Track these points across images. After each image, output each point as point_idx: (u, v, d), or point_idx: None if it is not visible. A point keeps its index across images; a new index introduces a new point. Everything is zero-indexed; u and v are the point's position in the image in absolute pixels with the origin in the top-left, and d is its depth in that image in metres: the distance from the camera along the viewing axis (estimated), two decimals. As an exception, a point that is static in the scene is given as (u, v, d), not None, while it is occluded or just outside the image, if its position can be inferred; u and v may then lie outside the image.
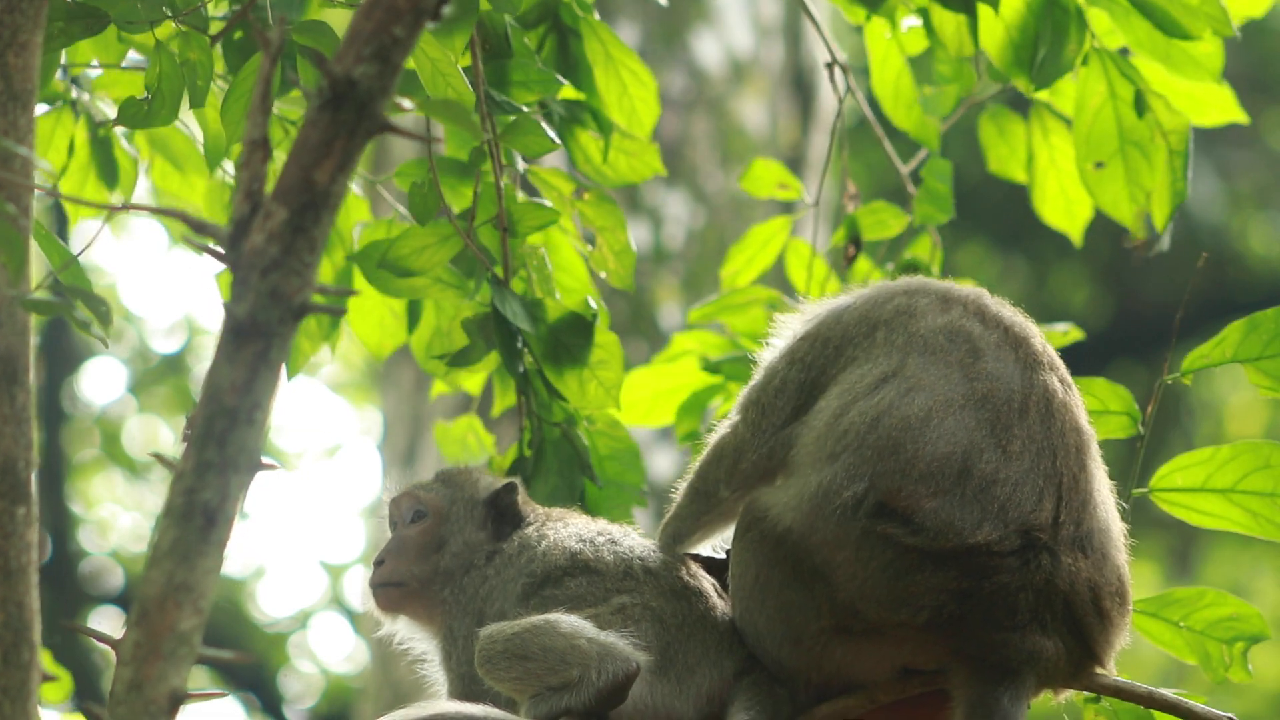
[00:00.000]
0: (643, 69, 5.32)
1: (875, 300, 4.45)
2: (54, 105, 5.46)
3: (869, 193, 6.05)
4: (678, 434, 5.92)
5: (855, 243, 5.89)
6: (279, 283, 3.42)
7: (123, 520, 18.27)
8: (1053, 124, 5.85)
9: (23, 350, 4.03)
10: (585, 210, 5.27)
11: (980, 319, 4.37)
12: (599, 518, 4.80)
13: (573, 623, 4.37)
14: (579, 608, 4.45)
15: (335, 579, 18.65)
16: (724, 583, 4.51)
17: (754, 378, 4.55)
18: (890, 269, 5.87)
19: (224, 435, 3.40)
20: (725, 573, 4.50)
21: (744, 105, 10.39)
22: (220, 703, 16.99)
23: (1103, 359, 14.87)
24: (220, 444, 3.40)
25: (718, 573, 4.58)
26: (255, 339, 3.41)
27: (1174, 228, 5.59)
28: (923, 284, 4.46)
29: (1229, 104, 5.70)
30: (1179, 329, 4.90)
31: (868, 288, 4.52)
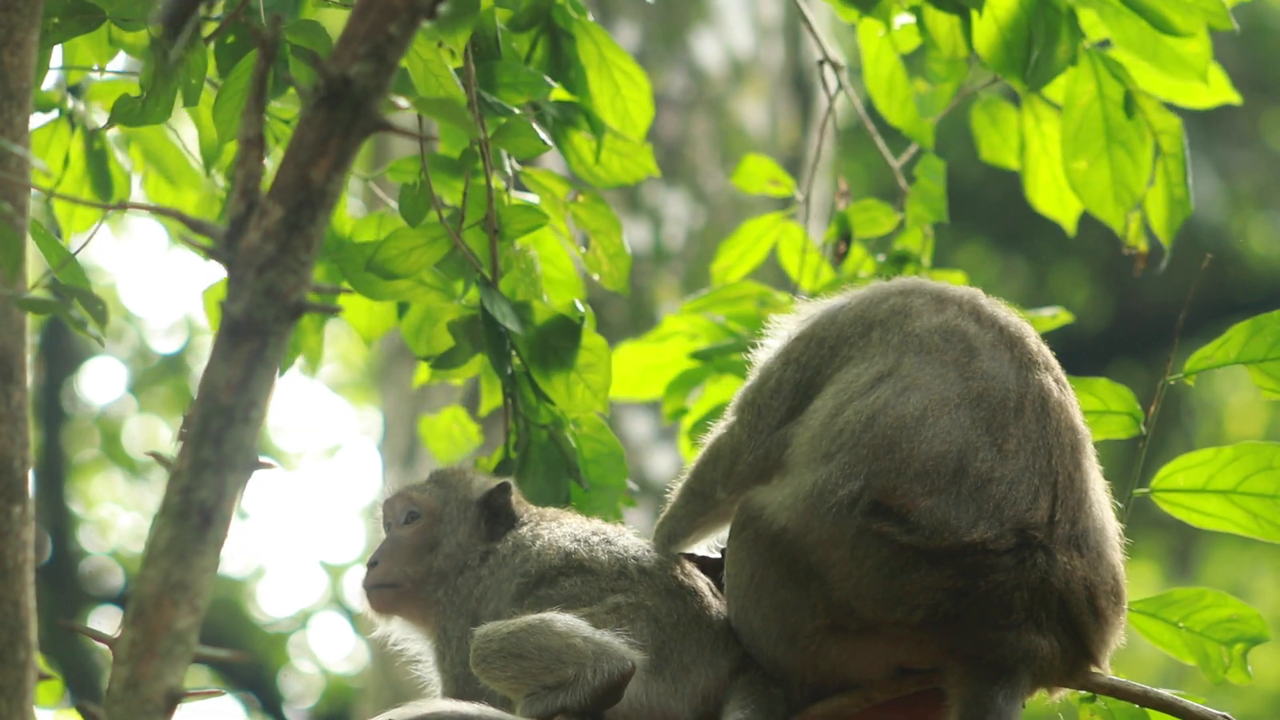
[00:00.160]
0: (636, 70, 5.32)
1: (870, 300, 4.45)
2: (49, 115, 5.45)
3: (867, 191, 6.06)
4: (665, 412, 5.92)
5: (846, 240, 5.89)
6: (275, 281, 3.42)
7: (123, 520, 18.29)
8: (1044, 112, 5.84)
9: (19, 349, 4.03)
10: (579, 212, 5.27)
11: (975, 318, 4.37)
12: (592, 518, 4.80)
13: (568, 621, 4.37)
14: (574, 607, 4.44)
15: (335, 579, 18.68)
16: (719, 582, 4.52)
17: (749, 378, 4.55)
18: (882, 260, 5.87)
19: (220, 434, 3.40)
20: (720, 572, 4.50)
21: (744, 105, 10.39)
22: (220, 702, 17.00)
23: (1103, 359, 14.87)
24: (216, 443, 3.40)
25: (712, 572, 4.58)
26: (251, 337, 3.41)
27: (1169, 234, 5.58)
28: (918, 284, 4.47)
29: (1220, 86, 5.69)
30: (1179, 329, 4.90)
31: (862, 288, 4.52)
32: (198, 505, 3.37)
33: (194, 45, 4.84)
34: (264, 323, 3.41)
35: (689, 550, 4.64)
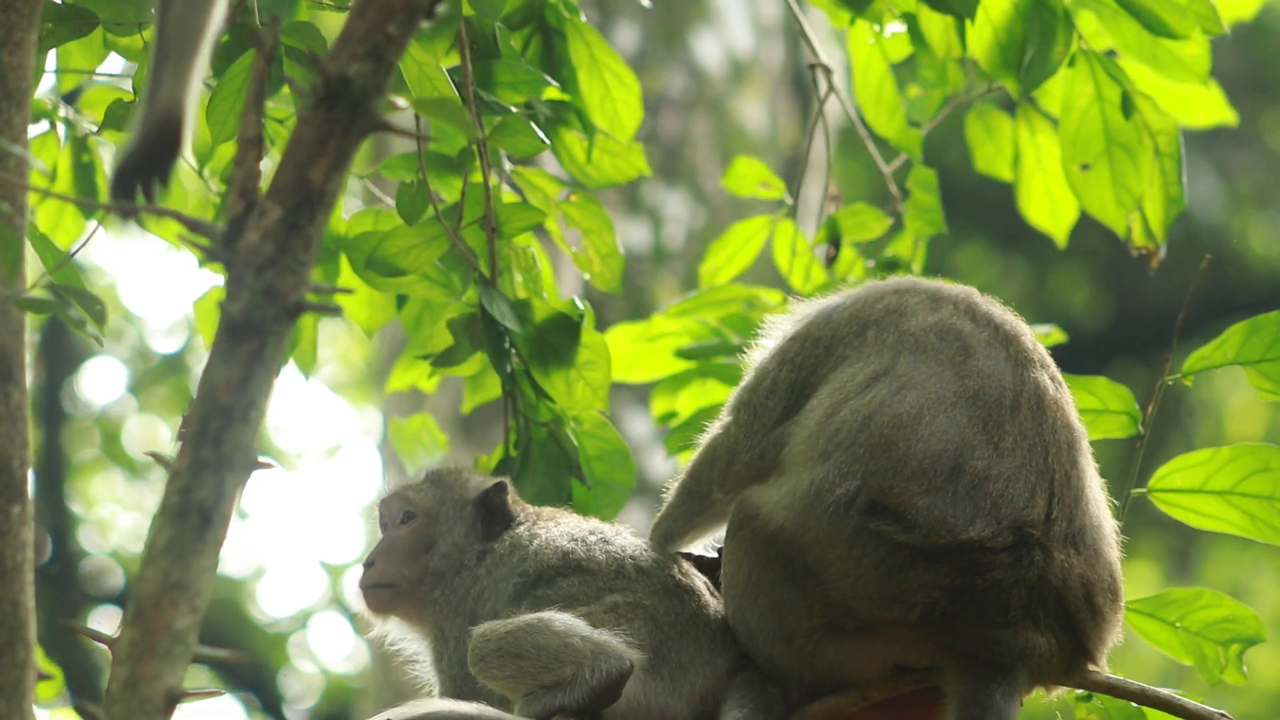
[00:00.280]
0: (626, 71, 5.32)
1: (865, 300, 4.45)
2: (39, 125, 5.44)
3: (866, 193, 6.06)
4: (654, 414, 5.91)
5: (835, 244, 5.89)
6: (274, 281, 3.43)
7: (123, 520, 18.28)
8: (1040, 124, 5.85)
9: (18, 348, 4.04)
10: (571, 212, 5.27)
11: (970, 317, 4.37)
12: (590, 517, 4.80)
13: (566, 621, 4.37)
14: (572, 607, 4.44)
15: (335, 579, 18.67)
16: (716, 581, 4.52)
17: (744, 378, 4.55)
18: (872, 265, 5.87)
19: (219, 434, 3.40)
20: (717, 571, 4.51)
21: (744, 105, 10.39)
22: (220, 702, 17.00)
23: (1103, 359, 14.86)
24: (215, 442, 3.40)
25: (709, 571, 4.58)
26: (250, 337, 3.42)
27: (1173, 228, 5.59)
28: (912, 283, 4.47)
29: (1218, 104, 5.71)
30: (1179, 329, 4.91)
31: (857, 287, 4.53)
32: (197, 505, 3.38)
33: None
34: (263, 323, 3.42)
35: (686, 550, 4.64)
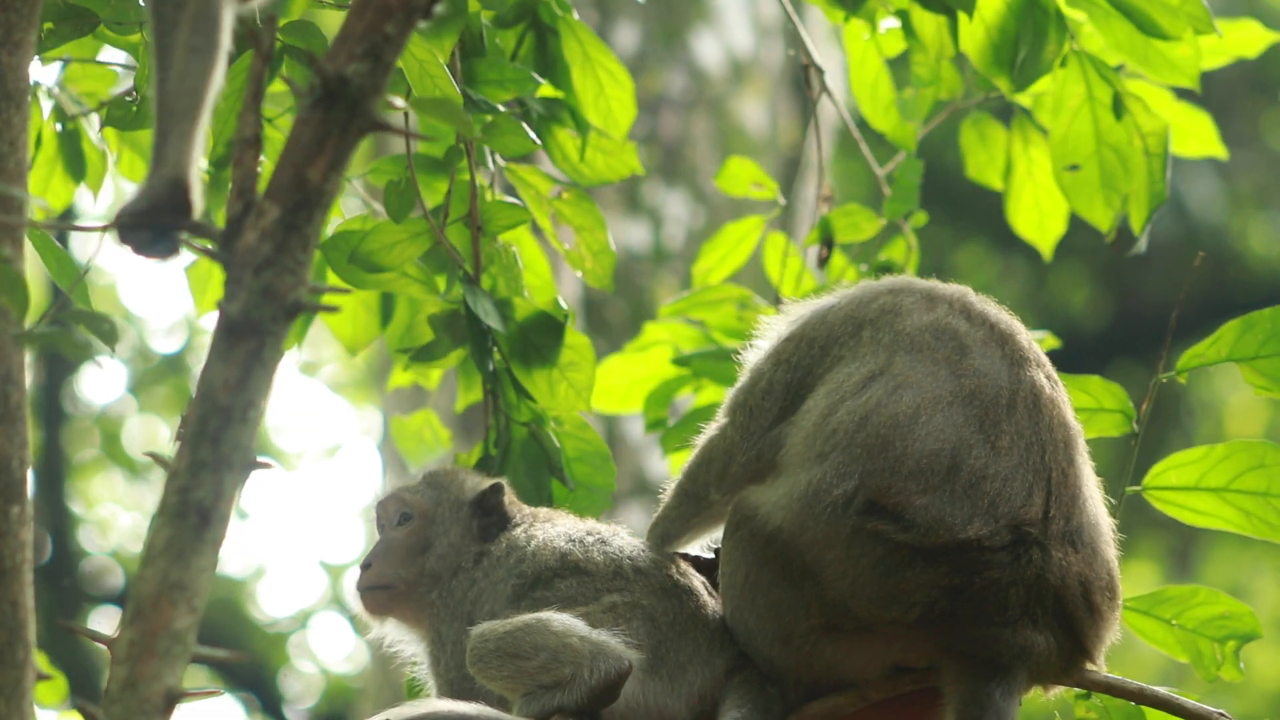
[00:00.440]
0: (620, 69, 5.31)
1: (860, 299, 4.45)
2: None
3: (865, 192, 6.06)
4: (645, 422, 5.91)
5: (828, 244, 5.89)
6: (272, 281, 3.43)
7: (123, 520, 18.29)
8: (1034, 135, 5.86)
9: (16, 349, 4.03)
10: (563, 209, 5.27)
11: (966, 316, 4.37)
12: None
13: (564, 621, 4.37)
14: (570, 607, 4.43)
15: (335, 579, 18.68)
16: (714, 581, 4.52)
17: (740, 380, 4.55)
18: (865, 269, 5.87)
19: (218, 434, 3.41)
20: (714, 571, 4.51)
21: (744, 105, 10.40)
22: (220, 702, 17.00)
23: (1103, 359, 14.87)
24: (214, 442, 3.41)
25: (707, 572, 4.58)
26: (249, 337, 3.42)
27: (1173, 227, 5.61)
28: (907, 283, 4.47)
29: (1209, 136, 5.73)
30: (1179, 329, 4.91)
31: (852, 287, 4.53)
32: (195, 505, 3.38)
33: None
34: (261, 322, 3.42)
35: (683, 550, 4.64)
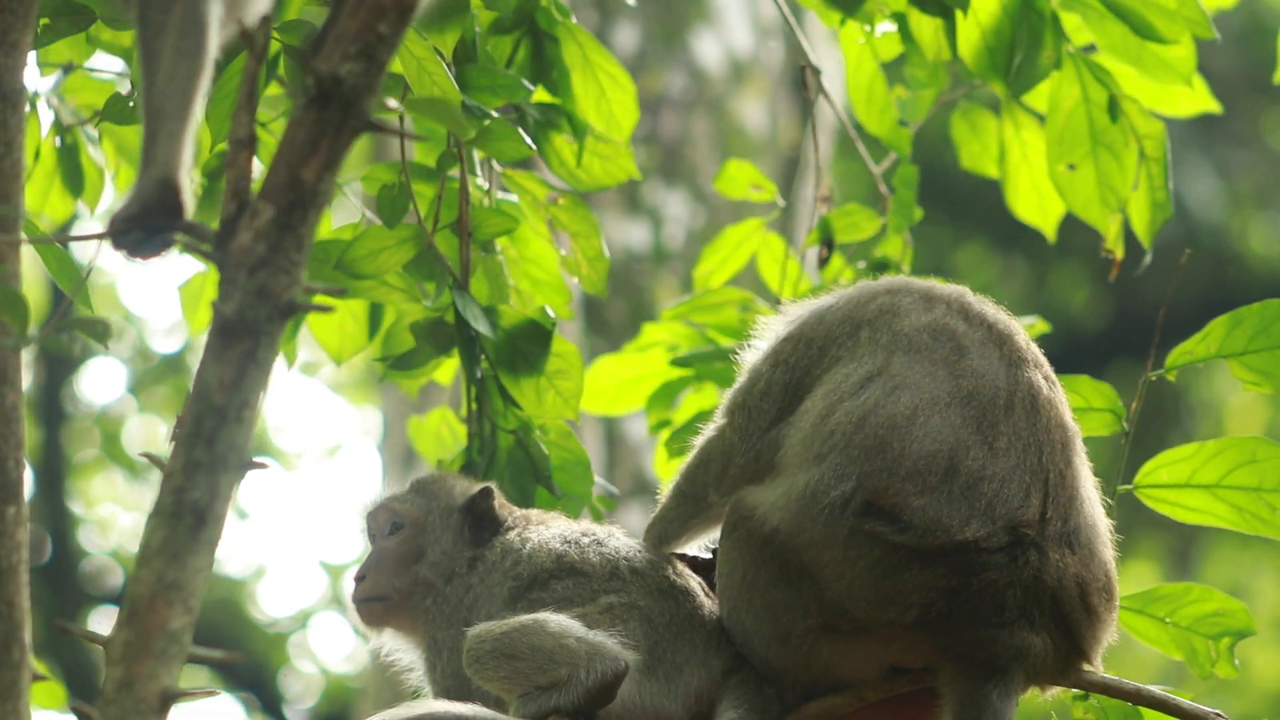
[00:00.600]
0: (621, 72, 5.31)
1: (858, 300, 4.45)
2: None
3: (865, 192, 6.06)
4: (649, 423, 5.90)
5: (828, 244, 5.89)
6: (267, 281, 3.43)
7: (123, 520, 18.30)
8: (1024, 119, 5.85)
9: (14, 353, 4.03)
10: (559, 215, 5.26)
11: (964, 317, 4.37)
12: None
13: (561, 622, 4.36)
14: (567, 608, 4.43)
15: (335, 579, 18.68)
16: (710, 582, 4.51)
17: (738, 380, 4.55)
18: (862, 268, 5.87)
19: (213, 434, 3.41)
20: (711, 572, 4.50)
21: (744, 105, 10.39)
22: (220, 702, 17.00)
23: (1103, 359, 14.87)
24: (209, 443, 3.41)
25: (704, 572, 4.58)
26: (243, 337, 3.42)
27: (1173, 227, 5.61)
28: (905, 283, 4.47)
29: (1201, 95, 5.71)
30: (1179, 330, 4.90)
31: (850, 288, 4.52)
32: (191, 505, 3.38)
33: None
34: (256, 323, 3.42)
35: (680, 551, 4.63)
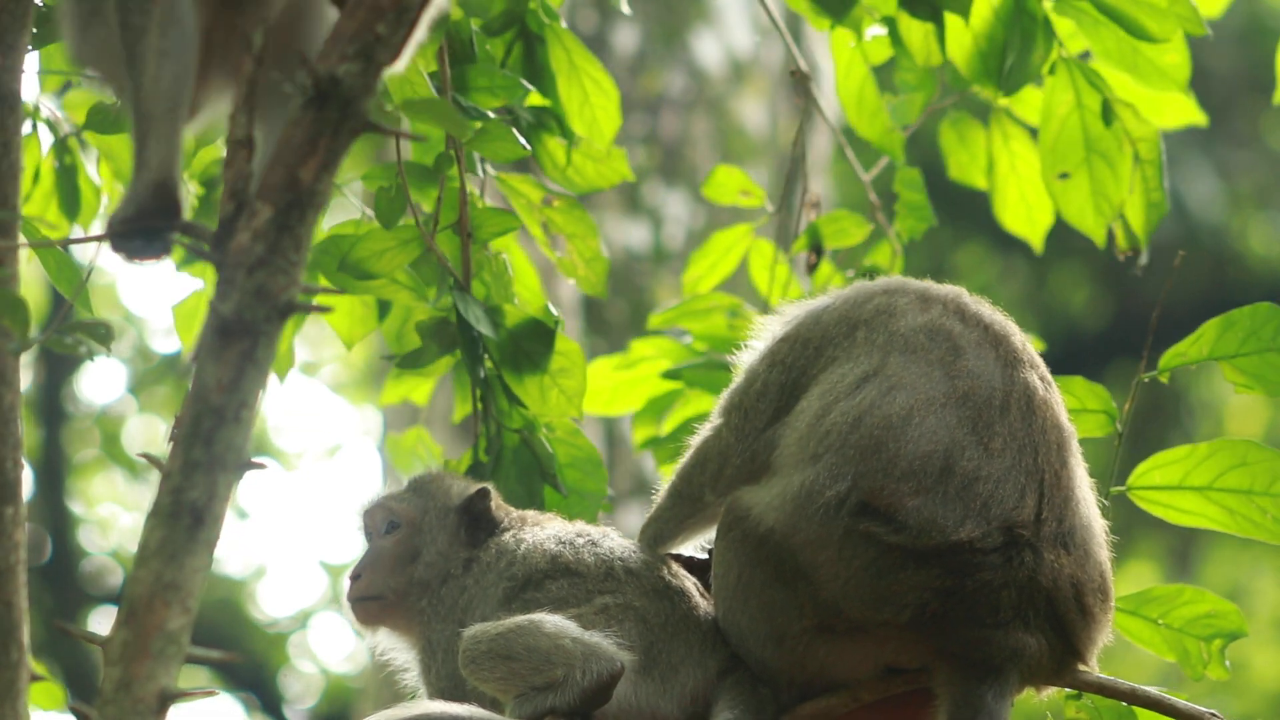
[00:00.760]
0: (605, 78, 5.31)
1: (854, 300, 4.45)
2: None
3: (861, 195, 6.05)
4: (635, 440, 5.90)
5: (816, 250, 5.89)
6: (265, 281, 3.44)
7: (123, 520, 18.29)
8: (1013, 130, 5.85)
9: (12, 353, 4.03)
10: (555, 217, 5.26)
11: (960, 317, 4.37)
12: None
13: (557, 623, 4.36)
14: (562, 609, 4.43)
15: (335, 579, 18.67)
16: (706, 582, 4.52)
17: (735, 381, 4.55)
18: (851, 275, 5.86)
19: (211, 434, 3.41)
20: (706, 573, 4.51)
21: (744, 105, 10.39)
22: (219, 702, 17.00)
23: (1103, 359, 14.87)
24: (207, 443, 3.41)
25: (699, 572, 4.58)
26: (242, 337, 3.43)
27: (1173, 228, 5.62)
28: (901, 283, 4.47)
29: (1189, 106, 5.73)
30: (1179, 331, 4.90)
31: (846, 289, 4.53)
32: (189, 506, 3.38)
33: None
34: (254, 323, 3.43)
35: (676, 551, 4.64)
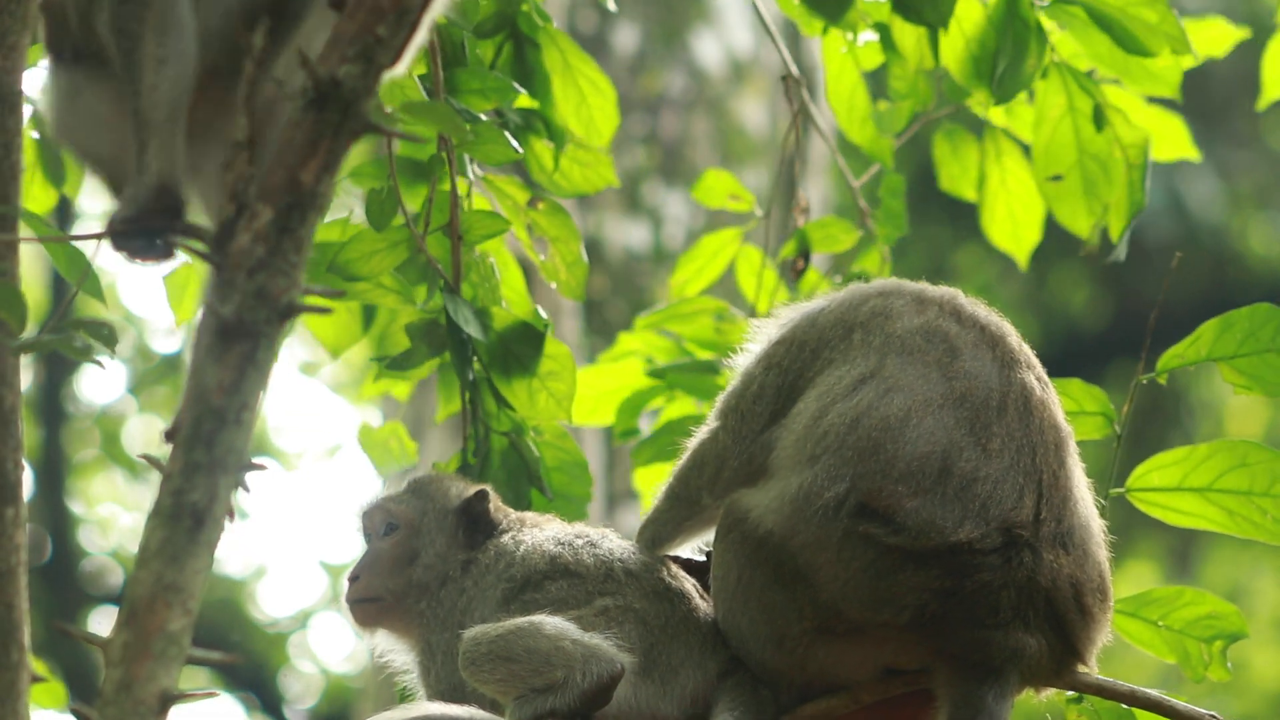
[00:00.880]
0: (602, 78, 5.31)
1: (850, 303, 4.45)
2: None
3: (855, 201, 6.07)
4: (616, 432, 5.90)
5: (804, 256, 5.89)
6: (265, 283, 3.44)
7: (123, 520, 18.30)
8: (1006, 146, 5.87)
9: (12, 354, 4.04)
10: (539, 220, 5.26)
11: (956, 318, 4.38)
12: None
13: (557, 624, 4.36)
14: (561, 611, 4.43)
15: (335, 579, 18.67)
16: (705, 584, 4.52)
17: (731, 384, 4.55)
18: (838, 281, 5.87)
19: (211, 436, 3.41)
20: (705, 574, 4.51)
21: (744, 105, 10.40)
22: (220, 703, 17.01)
23: (1103, 359, 14.87)
24: (208, 445, 3.41)
25: (698, 574, 4.58)
26: (242, 339, 3.43)
27: (1173, 228, 5.64)
28: (897, 285, 4.48)
29: (1182, 139, 5.76)
30: (1179, 331, 4.91)
31: (841, 291, 4.53)
32: (189, 507, 3.39)
33: None
34: (255, 325, 3.43)
35: (674, 553, 4.64)
